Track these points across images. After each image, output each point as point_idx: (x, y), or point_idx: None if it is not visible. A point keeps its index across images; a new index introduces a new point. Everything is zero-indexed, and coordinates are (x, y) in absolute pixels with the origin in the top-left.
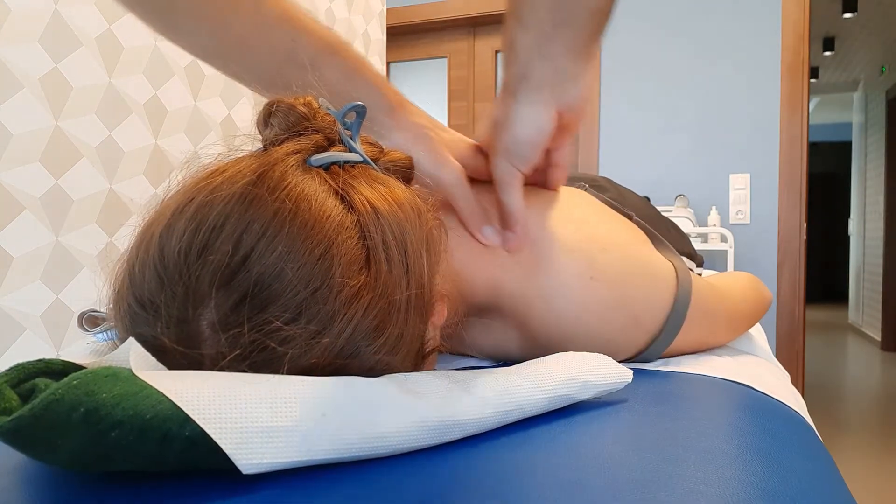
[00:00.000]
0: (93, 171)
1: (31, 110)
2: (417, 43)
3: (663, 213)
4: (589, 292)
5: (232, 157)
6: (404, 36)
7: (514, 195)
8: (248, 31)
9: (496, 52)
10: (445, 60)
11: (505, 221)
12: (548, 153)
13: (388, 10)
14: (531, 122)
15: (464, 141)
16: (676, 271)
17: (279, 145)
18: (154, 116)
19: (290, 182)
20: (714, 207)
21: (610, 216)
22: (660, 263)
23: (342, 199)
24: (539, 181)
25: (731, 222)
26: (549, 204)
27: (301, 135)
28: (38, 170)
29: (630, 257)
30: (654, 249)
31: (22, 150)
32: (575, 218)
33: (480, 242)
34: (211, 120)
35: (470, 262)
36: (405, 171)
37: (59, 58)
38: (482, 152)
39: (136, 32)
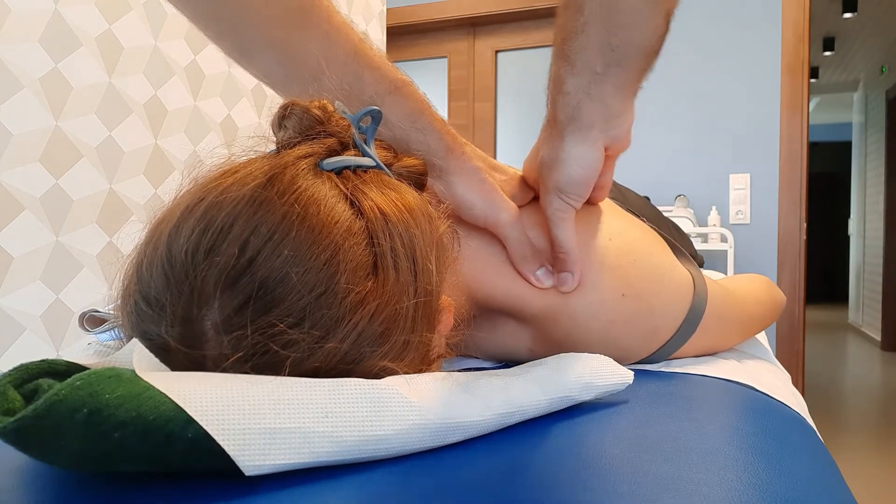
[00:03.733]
0: (93, 171)
1: (31, 110)
2: (417, 43)
3: (663, 213)
4: (618, 307)
5: (244, 157)
6: (404, 36)
7: (569, 231)
8: (316, 64)
9: (496, 51)
10: (445, 60)
11: (556, 258)
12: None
13: (388, 10)
14: (583, 162)
15: (515, 179)
16: (694, 280)
17: (292, 148)
18: (154, 116)
19: (300, 186)
20: (714, 207)
21: (633, 223)
22: (680, 272)
23: (352, 204)
24: None
25: (731, 222)
26: (581, 216)
27: (315, 138)
28: (38, 170)
29: (656, 267)
30: (674, 257)
31: (22, 150)
32: (607, 229)
33: (533, 286)
34: (211, 120)
35: (492, 271)
36: (418, 178)
37: (59, 58)
38: (529, 186)
39: (136, 32)
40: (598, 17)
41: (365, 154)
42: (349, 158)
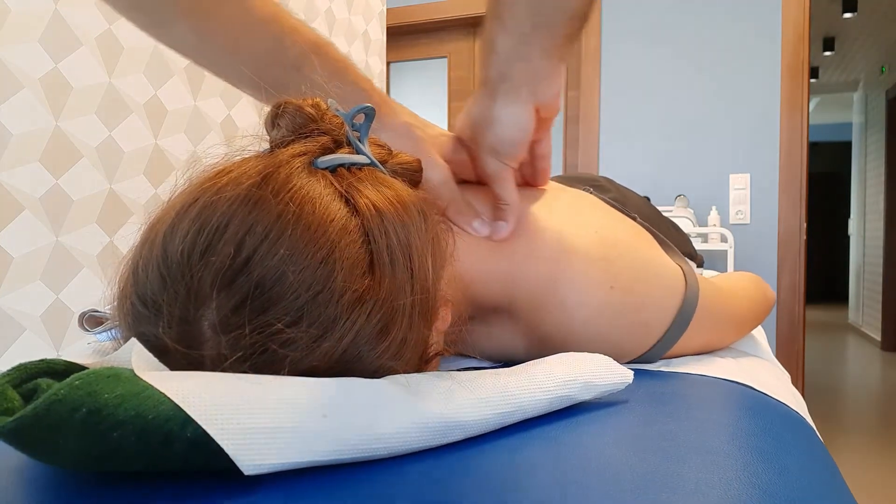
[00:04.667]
0: (93, 171)
1: (31, 110)
2: (417, 43)
3: (663, 213)
4: (606, 299)
5: (238, 157)
6: (404, 36)
7: (509, 188)
8: (232, 30)
9: None
10: (445, 60)
11: (499, 211)
12: (531, 146)
13: (388, 10)
14: (514, 121)
15: (446, 136)
16: (685, 275)
17: (286, 147)
18: (154, 116)
19: (295, 184)
20: (714, 207)
21: (619, 219)
22: (669, 267)
23: (347, 201)
24: (527, 173)
25: (731, 222)
26: (565, 209)
27: (308, 136)
28: (38, 170)
29: (644, 262)
30: (664, 252)
31: (22, 150)
32: (594, 223)
33: (470, 234)
34: (211, 120)
35: (484, 267)
36: (413, 174)
37: (59, 58)
38: (463, 145)
39: (136, 32)
40: None
41: (359, 151)
42: (343, 156)
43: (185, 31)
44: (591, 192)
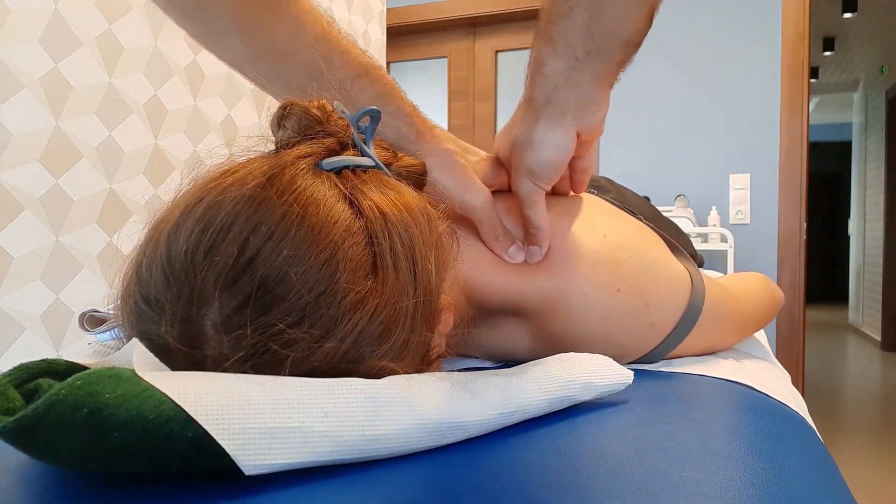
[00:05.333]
0: (93, 171)
1: (31, 110)
2: (417, 43)
3: (663, 213)
4: (613, 303)
5: (244, 157)
6: (404, 36)
7: (540, 211)
8: (284, 46)
9: (496, 51)
10: (445, 60)
11: (529, 236)
12: (571, 161)
13: (388, 10)
14: (554, 145)
15: (486, 159)
16: (691, 277)
17: (291, 148)
18: (154, 116)
19: (300, 186)
20: (714, 207)
21: (626, 219)
22: (676, 269)
23: (351, 203)
24: (564, 186)
25: (731, 222)
26: (574, 213)
27: (314, 138)
28: (38, 170)
29: (652, 264)
30: (671, 254)
31: (22, 150)
32: (601, 226)
33: (505, 261)
34: (211, 120)
35: (491, 274)
36: (417, 177)
37: (59, 58)
38: (501, 165)
39: (136, 32)
40: (584, 3)
41: (364, 154)
42: (348, 158)
43: (238, 44)
44: (594, 194)
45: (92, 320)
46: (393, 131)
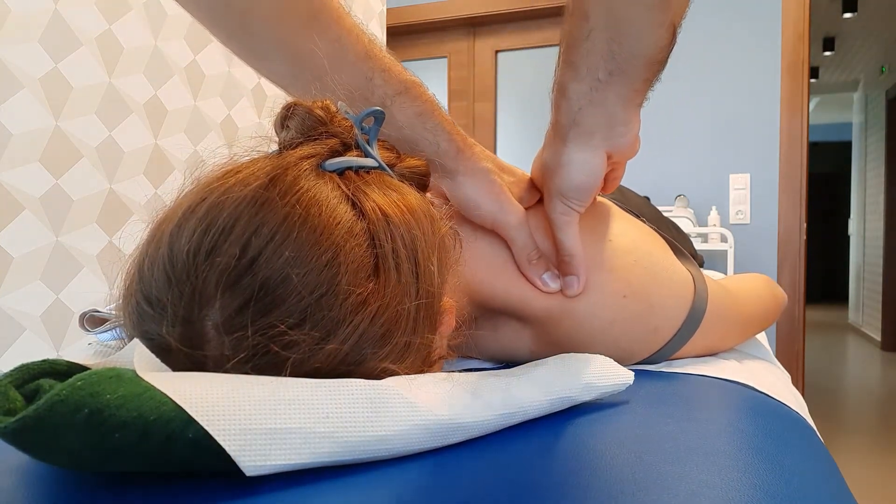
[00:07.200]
0: (93, 171)
1: (31, 110)
2: (417, 43)
3: (663, 213)
4: (619, 308)
5: (247, 157)
6: (404, 36)
7: (572, 236)
8: (326, 66)
9: (496, 51)
10: (445, 60)
11: (563, 264)
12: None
13: (388, 10)
14: (583, 168)
15: (523, 180)
16: (694, 280)
17: (294, 148)
18: (154, 116)
19: (302, 187)
20: (714, 207)
21: (629, 221)
22: (680, 272)
23: (353, 205)
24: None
25: (731, 222)
26: (583, 217)
27: (317, 139)
28: (38, 170)
29: (656, 268)
30: (674, 256)
31: (22, 150)
32: (605, 230)
33: (540, 290)
34: (211, 120)
35: (491, 272)
36: (421, 179)
37: (59, 58)
38: (535, 187)
39: (136, 32)
40: (602, 25)
41: (367, 155)
42: (351, 159)
43: (280, 64)
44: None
45: (92, 320)
46: (433, 147)
